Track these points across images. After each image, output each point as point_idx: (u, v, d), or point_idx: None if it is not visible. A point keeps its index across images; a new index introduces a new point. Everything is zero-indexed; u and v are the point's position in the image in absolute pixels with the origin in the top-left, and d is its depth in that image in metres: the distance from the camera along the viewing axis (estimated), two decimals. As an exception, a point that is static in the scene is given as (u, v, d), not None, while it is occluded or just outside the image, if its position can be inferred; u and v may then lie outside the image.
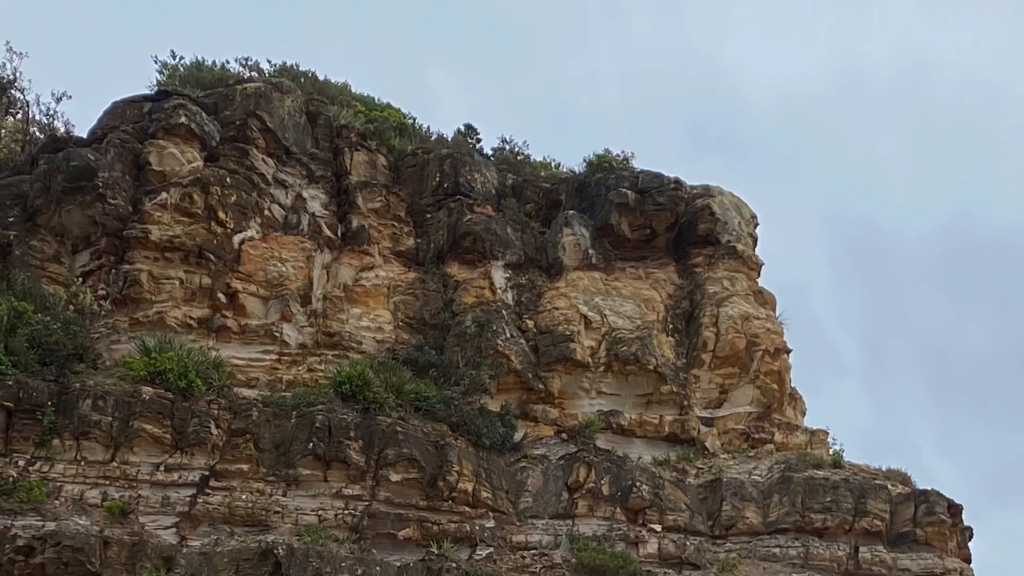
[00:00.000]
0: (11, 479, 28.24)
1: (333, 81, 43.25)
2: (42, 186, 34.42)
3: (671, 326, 39.09)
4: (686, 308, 39.63)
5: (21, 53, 43.37)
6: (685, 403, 37.74)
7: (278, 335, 34.95)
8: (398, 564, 30.58)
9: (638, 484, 34.49)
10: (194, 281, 34.26)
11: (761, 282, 41.03)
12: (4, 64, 43.13)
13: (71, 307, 32.90)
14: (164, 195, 34.52)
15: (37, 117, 41.50)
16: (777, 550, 34.20)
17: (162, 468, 30.23)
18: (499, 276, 38.51)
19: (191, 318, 33.92)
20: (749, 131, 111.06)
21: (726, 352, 38.46)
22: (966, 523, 36.23)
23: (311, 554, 28.96)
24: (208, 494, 30.28)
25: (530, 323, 37.85)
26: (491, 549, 32.37)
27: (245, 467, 30.90)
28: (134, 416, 30.05)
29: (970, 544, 36.23)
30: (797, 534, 34.58)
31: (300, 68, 42.40)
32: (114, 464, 29.82)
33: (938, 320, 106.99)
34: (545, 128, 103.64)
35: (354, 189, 38.48)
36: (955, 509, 35.83)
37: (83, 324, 32.42)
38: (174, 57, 40.57)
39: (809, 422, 40.18)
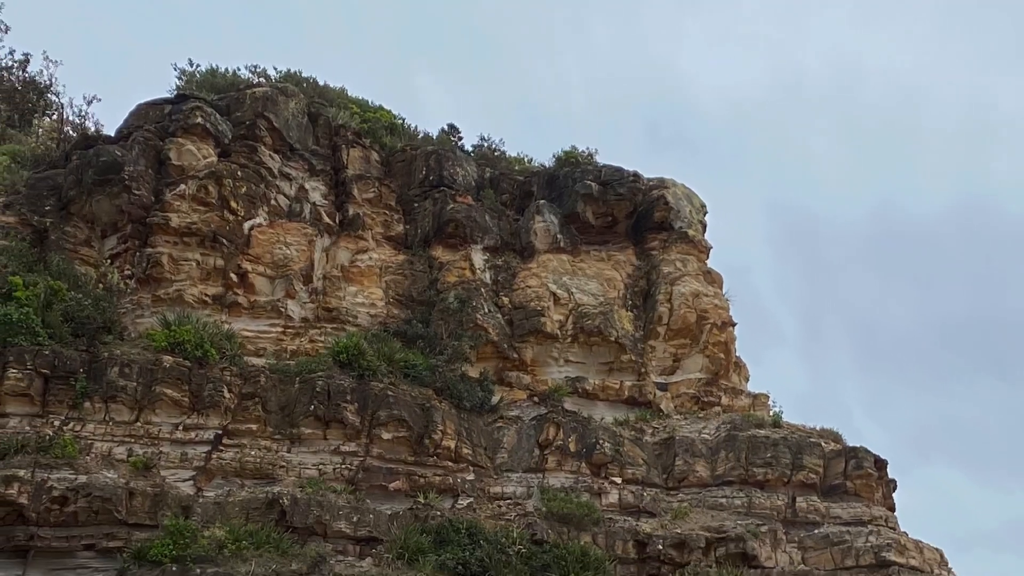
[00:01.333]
0: (47, 437, 28.43)
1: (332, 86, 43.10)
2: (75, 179, 34.52)
3: (630, 302, 39.13)
4: (643, 286, 39.65)
5: (56, 61, 44.29)
6: (642, 370, 37.92)
7: (283, 310, 35.00)
8: (389, 512, 30.85)
9: (601, 442, 34.72)
10: (209, 263, 34.30)
11: (709, 263, 41.04)
12: (41, 71, 43.82)
13: (100, 286, 33.01)
14: (182, 187, 34.61)
15: (70, 118, 42.01)
16: (724, 500, 34.39)
17: (181, 428, 30.46)
18: (478, 258, 38.53)
19: (206, 295, 34.02)
20: (699, 130, 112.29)
21: (679, 325, 38.45)
22: (890, 476, 36.48)
23: (312, 503, 29.18)
24: (221, 451, 30.49)
25: (505, 300, 37.91)
26: (471, 499, 32.65)
27: (254, 427, 31.11)
28: (156, 382, 30.25)
29: (894, 495, 36.49)
30: (741, 486, 34.77)
31: (303, 74, 42.31)
32: (138, 424, 30.04)
33: (866, 297, 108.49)
34: (519, 127, 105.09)
35: (350, 181, 38.49)
36: (881, 464, 36.11)
37: (111, 301, 32.58)
38: (191, 65, 40.54)
39: (752, 387, 40.39)
